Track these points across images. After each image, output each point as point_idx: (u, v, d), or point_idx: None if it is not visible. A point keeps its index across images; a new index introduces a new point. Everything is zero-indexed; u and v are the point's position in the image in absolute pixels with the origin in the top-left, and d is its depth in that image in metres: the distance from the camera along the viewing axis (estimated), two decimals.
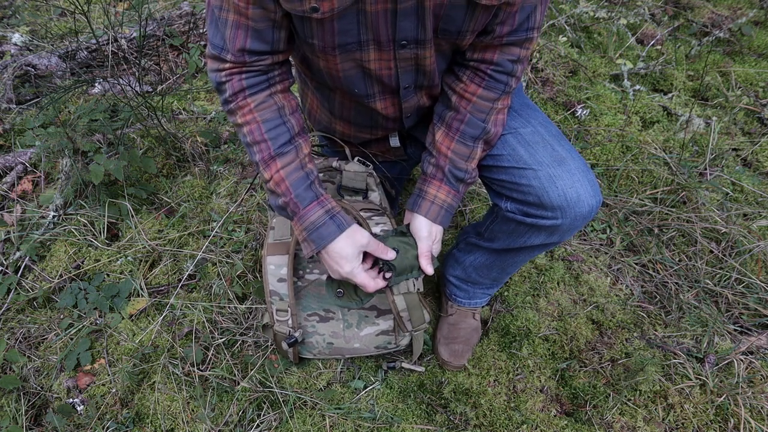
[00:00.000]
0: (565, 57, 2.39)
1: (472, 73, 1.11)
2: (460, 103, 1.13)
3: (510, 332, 1.64)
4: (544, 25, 2.55)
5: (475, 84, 1.12)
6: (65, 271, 1.77)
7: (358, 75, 1.10)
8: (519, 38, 1.06)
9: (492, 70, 1.09)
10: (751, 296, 1.70)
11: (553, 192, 1.12)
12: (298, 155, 1.08)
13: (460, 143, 1.15)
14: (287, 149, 1.06)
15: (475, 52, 1.09)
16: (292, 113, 1.09)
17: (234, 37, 0.98)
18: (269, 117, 1.06)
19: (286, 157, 1.06)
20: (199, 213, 1.92)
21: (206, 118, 2.25)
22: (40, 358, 1.61)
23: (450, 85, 1.15)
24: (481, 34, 1.06)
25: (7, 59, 2.42)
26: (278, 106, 1.07)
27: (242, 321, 1.65)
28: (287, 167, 1.06)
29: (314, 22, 0.96)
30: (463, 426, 1.46)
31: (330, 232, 1.07)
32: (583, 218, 1.15)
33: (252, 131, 1.06)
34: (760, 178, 2.05)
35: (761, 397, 1.47)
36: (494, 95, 1.12)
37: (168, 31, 2.49)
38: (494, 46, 1.07)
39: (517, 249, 1.31)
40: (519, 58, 1.09)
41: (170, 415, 1.48)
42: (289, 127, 1.07)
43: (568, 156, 1.15)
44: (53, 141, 1.97)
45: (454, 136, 1.15)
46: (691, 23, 2.67)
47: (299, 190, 1.06)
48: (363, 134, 1.35)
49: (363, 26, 0.97)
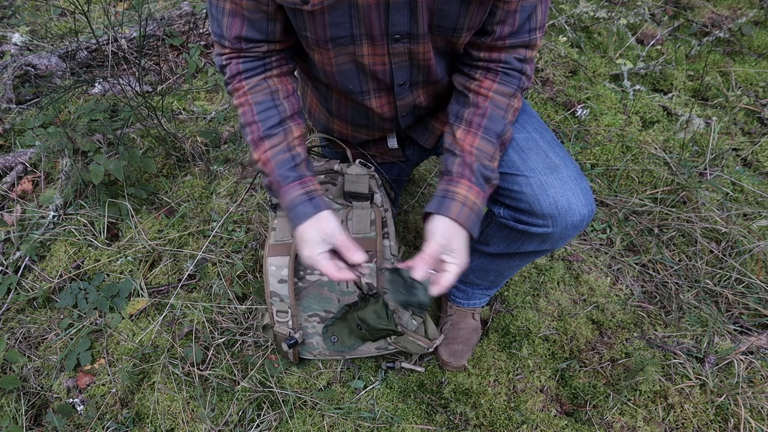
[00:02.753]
0: (565, 57, 2.39)
1: (483, 70, 1.10)
2: (478, 99, 1.10)
3: (510, 332, 1.64)
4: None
5: (489, 80, 1.09)
6: (65, 271, 1.77)
7: (352, 70, 1.10)
8: (522, 40, 1.05)
9: (502, 68, 1.09)
10: (751, 296, 1.70)
11: (544, 200, 1.11)
12: (286, 138, 1.08)
13: (484, 140, 1.08)
14: (276, 131, 1.08)
15: (482, 51, 1.08)
16: (286, 97, 1.10)
17: (231, 25, 1.02)
18: (261, 99, 1.08)
19: (274, 139, 1.07)
20: (199, 213, 1.92)
21: (206, 118, 2.25)
22: (40, 358, 1.61)
23: (464, 84, 1.13)
24: (482, 35, 1.05)
25: (7, 59, 2.42)
26: (271, 89, 1.09)
27: (242, 321, 1.65)
28: (274, 148, 1.07)
29: (306, 14, 0.96)
30: (463, 426, 1.46)
31: (305, 211, 1.04)
32: (575, 227, 1.14)
33: (245, 112, 1.08)
34: (760, 178, 2.05)
35: (761, 397, 1.47)
36: (510, 90, 1.10)
37: (168, 31, 2.49)
38: (499, 48, 1.06)
39: (511, 254, 1.31)
40: (525, 57, 1.08)
41: (170, 415, 1.48)
42: (280, 110, 1.08)
43: (561, 163, 1.14)
44: (53, 141, 1.97)
45: (476, 132, 1.09)
46: (691, 23, 2.67)
47: (283, 170, 1.07)
48: (360, 134, 1.35)
49: (355, 20, 0.97)
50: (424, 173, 2.05)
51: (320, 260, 1.03)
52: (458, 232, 1.03)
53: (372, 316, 1.32)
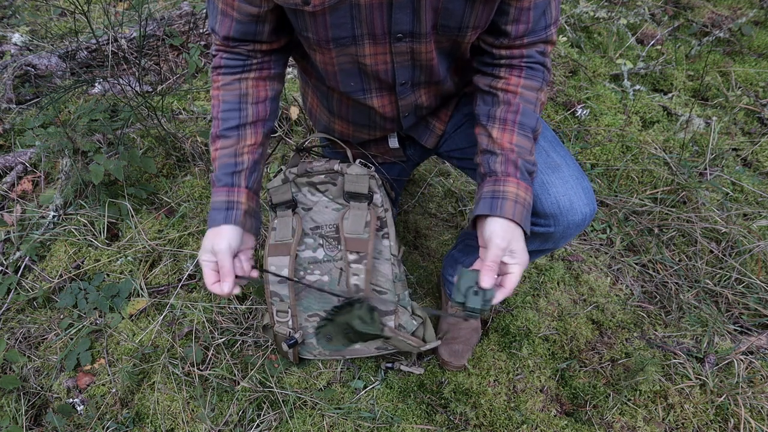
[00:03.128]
0: (565, 57, 2.39)
1: (507, 68, 1.09)
2: (508, 96, 1.08)
3: (510, 332, 1.64)
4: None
5: (515, 76, 1.08)
6: (65, 271, 1.77)
7: (354, 70, 1.10)
8: (539, 38, 1.05)
9: (526, 62, 1.08)
10: (751, 296, 1.70)
11: (546, 199, 1.11)
12: (238, 143, 1.10)
13: (522, 135, 1.05)
14: (230, 134, 1.10)
15: (502, 50, 1.07)
16: (255, 102, 1.11)
17: (221, 23, 1.05)
18: (228, 99, 1.10)
19: (226, 141, 1.10)
20: (199, 213, 1.92)
21: (206, 118, 2.25)
22: (40, 358, 1.61)
23: (490, 85, 1.11)
24: (498, 36, 1.05)
25: (7, 59, 2.42)
26: (241, 92, 1.11)
27: (242, 321, 1.65)
28: (223, 150, 1.10)
29: (307, 15, 0.97)
30: (463, 426, 1.46)
31: (216, 218, 1.07)
32: (576, 226, 1.14)
33: (214, 106, 1.12)
34: (760, 178, 2.05)
35: (761, 397, 1.47)
36: (537, 84, 1.09)
37: (168, 31, 2.49)
38: (518, 46, 1.06)
39: None
40: (544, 51, 1.09)
41: (170, 415, 1.48)
42: (242, 115, 1.10)
43: (562, 163, 1.14)
44: (53, 141, 1.97)
45: (513, 128, 1.05)
46: (691, 23, 2.67)
47: (220, 172, 1.09)
48: (361, 134, 1.34)
49: (357, 20, 0.97)
50: (424, 173, 2.05)
51: (203, 266, 1.09)
52: (516, 231, 1.00)
53: (357, 321, 1.34)
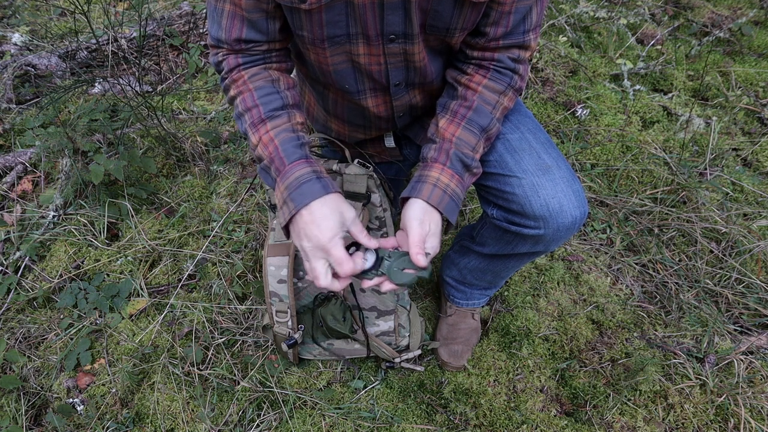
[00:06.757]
0: (565, 57, 2.39)
1: (476, 66, 1.10)
2: (467, 92, 1.09)
3: (510, 332, 1.64)
4: (543, 25, 2.55)
5: (480, 75, 1.09)
6: (65, 271, 1.77)
7: (348, 70, 1.10)
8: (516, 41, 1.05)
9: (494, 65, 1.08)
10: (751, 296, 1.70)
11: (536, 201, 1.10)
12: (290, 120, 1.02)
13: (467, 130, 1.06)
14: (279, 113, 1.02)
15: (476, 51, 1.08)
16: (288, 88, 1.06)
17: (230, 26, 1.01)
18: (262, 85, 1.03)
19: (277, 120, 1.01)
20: (199, 213, 1.92)
21: (206, 118, 2.25)
22: (40, 358, 1.61)
23: (455, 78, 1.12)
24: (476, 35, 1.05)
25: (7, 59, 2.42)
26: (273, 78, 1.05)
27: (242, 321, 1.65)
28: (277, 128, 1.00)
29: (303, 13, 0.96)
30: (463, 426, 1.46)
31: (314, 189, 0.93)
32: (567, 229, 1.13)
33: (244, 99, 1.03)
34: (760, 178, 2.05)
35: (761, 397, 1.47)
36: (500, 87, 1.09)
37: (168, 31, 2.49)
38: (492, 48, 1.06)
39: (506, 255, 1.31)
40: (519, 57, 1.08)
41: (170, 415, 1.48)
42: (282, 97, 1.04)
43: (553, 165, 1.14)
44: (53, 141, 1.97)
45: (460, 122, 1.07)
46: (691, 23, 2.67)
47: (288, 146, 0.98)
48: (357, 134, 1.35)
49: (351, 18, 0.97)
50: None
51: (334, 246, 0.90)
52: (433, 215, 1.00)
53: (329, 317, 1.37)
